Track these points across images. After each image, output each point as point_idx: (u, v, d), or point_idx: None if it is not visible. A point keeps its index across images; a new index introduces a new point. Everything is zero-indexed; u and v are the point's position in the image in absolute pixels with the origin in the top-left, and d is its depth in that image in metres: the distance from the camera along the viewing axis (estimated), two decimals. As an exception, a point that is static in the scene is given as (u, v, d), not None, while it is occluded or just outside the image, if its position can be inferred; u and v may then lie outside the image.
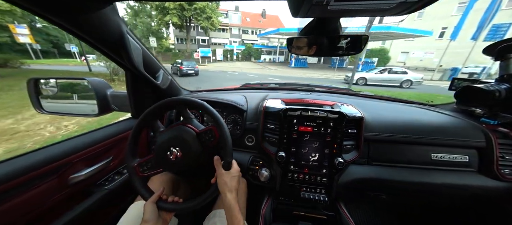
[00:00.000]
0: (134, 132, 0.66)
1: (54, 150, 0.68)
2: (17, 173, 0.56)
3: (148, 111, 0.67)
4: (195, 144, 0.63)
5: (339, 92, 1.30)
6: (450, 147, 0.86)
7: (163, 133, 0.66)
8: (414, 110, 1.06)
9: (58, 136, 2.97)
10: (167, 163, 0.63)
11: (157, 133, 0.67)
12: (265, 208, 0.88)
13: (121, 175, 0.90)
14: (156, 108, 0.66)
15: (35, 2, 0.44)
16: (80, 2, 0.48)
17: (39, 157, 0.63)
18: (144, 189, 0.64)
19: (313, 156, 0.84)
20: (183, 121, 0.68)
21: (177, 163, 0.62)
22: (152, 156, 0.65)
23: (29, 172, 0.59)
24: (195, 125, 0.66)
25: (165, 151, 0.63)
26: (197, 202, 0.61)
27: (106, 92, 0.91)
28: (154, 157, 0.65)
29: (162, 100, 0.67)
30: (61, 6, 0.47)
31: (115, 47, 0.66)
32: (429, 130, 0.87)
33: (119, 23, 0.62)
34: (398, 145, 0.88)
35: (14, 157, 0.60)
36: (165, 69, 0.96)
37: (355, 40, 0.51)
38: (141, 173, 0.65)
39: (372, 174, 0.86)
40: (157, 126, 0.69)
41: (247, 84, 1.48)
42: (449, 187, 0.83)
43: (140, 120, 0.67)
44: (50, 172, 0.64)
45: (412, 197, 0.96)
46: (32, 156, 0.62)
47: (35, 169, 0.60)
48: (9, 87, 6.20)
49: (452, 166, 0.86)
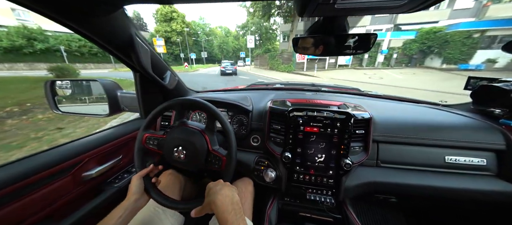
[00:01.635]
0: (157, 111, 0.72)
1: (69, 148, 0.71)
2: (37, 169, 0.60)
3: (178, 101, 0.72)
4: (201, 156, 0.66)
5: (346, 92, 1.28)
6: (466, 149, 0.81)
7: (181, 129, 0.70)
8: (426, 110, 1.01)
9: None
10: (169, 154, 0.67)
11: (177, 122, 0.72)
12: (270, 209, 0.88)
13: (130, 173, 0.93)
14: (184, 103, 0.72)
15: (50, 7, 0.46)
16: (93, 7, 0.49)
17: (55, 154, 0.66)
18: (140, 160, 0.70)
19: (319, 157, 0.82)
20: (205, 129, 0.71)
21: (177, 160, 0.66)
22: (162, 137, 0.70)
23: (47, 169, 0.62)
24: (211, 141, 0.69)
25: (173, 144, 0.67)
26: (182, 206, 0.64)
27: (116, 93, 0.94)
28: (164, 139, 0.69)
29: (194, 98, 0.72)
30: (75, 11, 0.49)
31: (125, 49, 0.68)
32: (442, 131, 0.83)
33: (128, 25, 0.64)
34: (408, 146, 0.85)
35: (34, 154, 0.64)
36: (172, 70, 0.98)
37: (364, 38, 0.49)
38: (146, 145, 0.71)
39: (381, 176, 0.84)
40: (184, 116, 0.76)
41: (253, 85, 1.48)
42: (465, 192, 0.79)
43: (168, 105, 0.72)
44: (66, 169, 0.67)
45: (424, 201, 0.92)
46: (49, 154, 0.66)
47: (52, 166, 0.63)
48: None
49: (468, 169, 0.81)
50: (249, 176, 0.94)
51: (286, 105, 0.91)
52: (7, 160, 0.59)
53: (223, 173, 0.65)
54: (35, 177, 0.59)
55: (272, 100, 1.00)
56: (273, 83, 1.49)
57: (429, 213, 1.15)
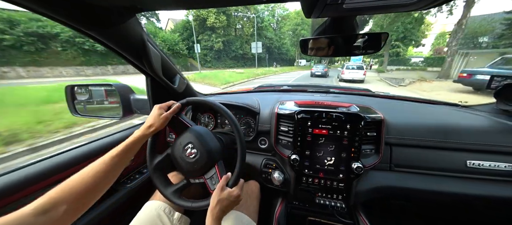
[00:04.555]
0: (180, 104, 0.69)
1: (82, 151, 0.75)
2: (52, 170, 0.63)
3: (198, 100, 0.71)
4: (207, 166, 0.63)
5: (356, 93, 1.24)
6: (490, 153, 0.75)
7: (204, 130, 0.69)
8: (444, 111, 0.96)
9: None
10: (179, 148, 0.65)
11: (197, 123, 0.73)
12: (278, 212, 0.86)
13: (141, 174, 0.96)
14: (206, 104, 0.70)
15: (71, 18, 0.49)
16: (109, 17, 0.53)
17: (69, 157, 0.70)
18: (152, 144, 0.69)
19: (329, 160, 0.80)
20: (225, 143, 0.74)
21: (184, 159, 0.63)
22: (188, 127, 0.67)
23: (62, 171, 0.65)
24: (226, 142, 0.72)
25: (187, 141, 0.65)
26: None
27: (129, 97, 0.98)
28: (182, 131, 0.67)
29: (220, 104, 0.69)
30: (94, 22, 0.53)
31: (138, 55, 0.72)
32: (463, 133, 0.78)
33: (140, 32, 0.67)
34: (425, 149, 0.80)
35: (49, 157, 0.67)
36: (181, 73, 1.01)
37: (374, 38, 0.48)
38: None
39: (395, 181, 0.80)
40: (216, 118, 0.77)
41: (261, 87, 1.48)
42: (490, 199, 0.73)
43: (188, 101, 0.69)
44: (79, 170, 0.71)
45: (443, 208, 0.87)
46: (63, 157, 0.69)
47: (66, 168, 0.67)
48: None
49: (493, 175, 0.75)
50: (257, 179, 0.93)
51: (293, 107, 0.90)
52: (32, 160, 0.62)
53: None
54: (52, 179, 0.62)
55: (280, 101, 0.99)
56: (280, 84, 1.49)
57: (448, 221, 1.07)
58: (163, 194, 0.66)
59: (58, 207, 0.37)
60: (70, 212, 0.38)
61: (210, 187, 0.63)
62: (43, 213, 0.34)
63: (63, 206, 0.37)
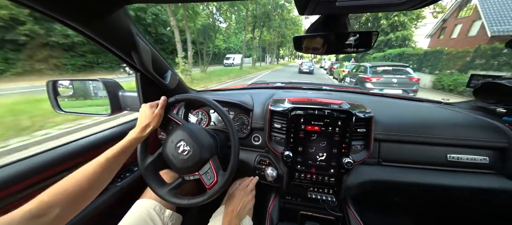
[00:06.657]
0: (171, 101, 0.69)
1: (70, 148, 0.71)
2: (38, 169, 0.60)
3: (188, 97, 0.70)
4: (200, 163, 0.62)
5: (347, 90, 1.27)
6: (468, 147, 0.81)
7: (195, 127, 0.69)
8: (428, 108, 1.01)
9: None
10: (171, 145, 0.63)
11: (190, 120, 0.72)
12: (271, 207, 0.88)
13: (132, 172, 0.93)
14: (196, 100, 0.70)
15: (51, 7, 0.46)
16: (93, 6, 0.49)
17: (56, 154, 0.66)
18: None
19: (321, 156, 0.82)
20: (219, 140, 0.77)
21: (177, 156, 0.62)
22: (179, 125, 0.67)
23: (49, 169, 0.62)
24: (220, 139, 0.76)
25: (178, 138, 0.63)
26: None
27: (118, 93, 0.94)
28: (173, 129, 0.66)
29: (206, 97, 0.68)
30: (76, 11, 0.49)
31: (126, 49, 0.68)
32: (444, 129, 0.82)
33: (129, 25, 0.64)
34: (410, 145, 0.85)
35: (35, 154, 0.64)
36: (173, 69, 0.98)
37: (365, 36, 0.49)
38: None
39: (383, 175, 0.84)
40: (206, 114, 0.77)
41: (254, 84, 1.48)
42: (467, 189, 0.79)
43: (176, 99, 0.68)
44: (68, 169, 0.67)
45: (428, 200, 0.92)
46: (50, 154, 0.66)
47: (54, 166, 0.63)
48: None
49: (470, 167, 0.81)
50: (250, 175, 0.94)
51: (287, 104, 0.91)
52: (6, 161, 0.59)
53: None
54: (37, 178, 0.59)
55: (273, 99, 1.00)
56: (274, 82, 1.49)
57: (432, 212, 1.15)
58: (157, 194, 0.65)
59: (50, 211, 0.35)
60: (62, 216, 0.37)
61: (205, 183, 0.62)
62: (35, 218, 0.33)
63: (56, 210, 0.36)
